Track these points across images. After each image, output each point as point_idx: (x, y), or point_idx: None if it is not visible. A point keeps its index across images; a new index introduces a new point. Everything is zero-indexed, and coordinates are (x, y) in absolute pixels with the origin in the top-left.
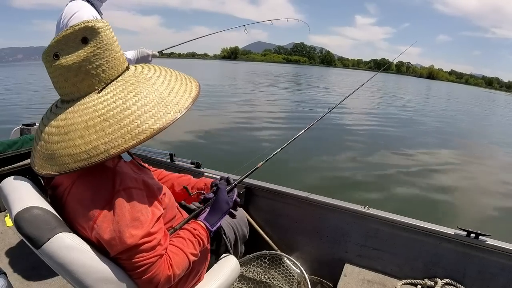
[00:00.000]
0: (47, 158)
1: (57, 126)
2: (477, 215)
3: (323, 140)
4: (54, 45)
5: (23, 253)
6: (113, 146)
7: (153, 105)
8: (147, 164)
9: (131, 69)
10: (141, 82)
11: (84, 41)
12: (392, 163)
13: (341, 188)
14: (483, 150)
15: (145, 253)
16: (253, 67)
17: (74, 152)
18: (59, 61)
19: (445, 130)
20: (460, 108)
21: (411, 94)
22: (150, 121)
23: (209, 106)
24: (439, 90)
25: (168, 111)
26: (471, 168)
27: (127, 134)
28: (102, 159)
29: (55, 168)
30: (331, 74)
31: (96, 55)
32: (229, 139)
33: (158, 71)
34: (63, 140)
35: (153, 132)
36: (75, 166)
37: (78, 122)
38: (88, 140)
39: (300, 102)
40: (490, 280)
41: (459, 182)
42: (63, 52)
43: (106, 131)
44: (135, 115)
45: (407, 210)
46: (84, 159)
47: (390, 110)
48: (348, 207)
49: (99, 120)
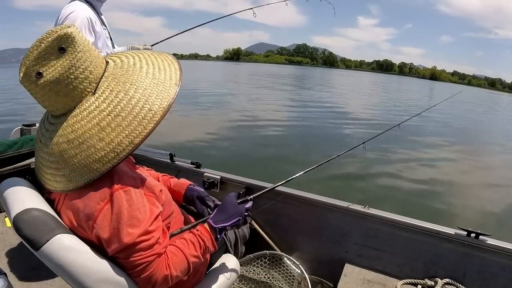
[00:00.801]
0: (70, 173)
1: (68, 141)
2: (477, 215)
3: (322, 139)
4: (33, 64)
5: (23, 253)
6: (136, 135)
7: (153, 87)
8: (147, 164)
9: (111, 63)
10: (130, 71)
11: (62, 50)
12: (392, 163)
13: (340, 187)
14: (486, 151)
15: (142, 252)
16: (255, 68)
17: (100, 155)
18: (43, 78)
19: (445, 130)
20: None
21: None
22: (158, 101)
23: (210, 107)
24: (441, 90)
25: (167, 87)
26: (471, 167)
27: (143, 120)
28: (130, 151)
29: (84, 178)
30: (335, 75)
31: (79, 59)
32: (229, 140)
33: (136, 57)
34: (81, 151)
35: (164, 110)
36: (105, 168)
37: (90, 128)
38: (109, 139)
39: (305, 104)
40: (490, 280)
41: (459, 182)
42: (44, 68)
43: (123, 125)
44: (142, 100)
45: (407, 210)
46: (113, 158)
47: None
48: (348, 207)
49: (111, 118)
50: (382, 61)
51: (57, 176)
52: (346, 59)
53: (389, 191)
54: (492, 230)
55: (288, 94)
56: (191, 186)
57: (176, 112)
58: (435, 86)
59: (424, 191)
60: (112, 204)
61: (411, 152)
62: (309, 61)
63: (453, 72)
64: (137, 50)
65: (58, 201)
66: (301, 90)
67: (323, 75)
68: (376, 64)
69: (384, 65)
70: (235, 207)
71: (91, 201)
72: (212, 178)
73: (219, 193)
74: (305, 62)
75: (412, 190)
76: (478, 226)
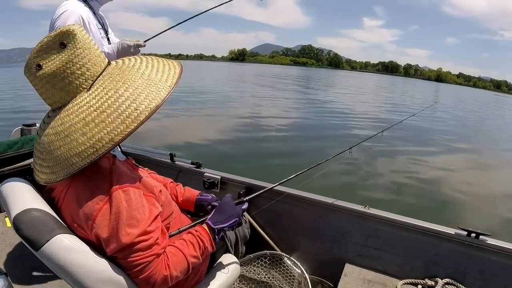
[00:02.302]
0: (53, 165)
1: (56, 133)
2: (477, 214)
3: (322, 139)
4: (35, 56)
5: (23, 253)
6: (117, 133)
7: (144, 87)
8: (147, 164)
9: (113, 63)
10: (126, 71)
11: (63, 46)
12: (392, 163)
13: (342, 189)
14: (489, 152)
15: (141, 252)
16: (260, 69)
17: (80, 150)
18: (42, 70)
19: (445, 131)
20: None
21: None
22: (146, 101)
23: (211, 107)
24: (447, 92)
25: (159, 89)
26: (471, 168)
27: (127, 119)
28: (109, 148)
29: (64, 171)
30: (340, 76)
31: (78, 55)
32: (230, 140)
33: (139, 59)
34: (65, 143)
35: (151, 111)
36: (84, 163)
37: (76, 122)
38: (91, 135)
39: (307, 106)
40: (490, 279)
41: (459, 182)
42: (44, 61)
43: (106, 121)
44: (130, 99)
45: (407, 210)
46: (92, 153)
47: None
48: (349, 207)
49: (97, 114)
50: (388, 63)
51: (43, 167)
52: (351, 60)
53: (390, 190)
54: (492, 230)
55: (291, 95)
56: (199, 196)
57: (177, 112)
58: (442, 87)
59: (424, 190)
60: (111, 204)
61: (413, 152)
62: (314, 62)
63: (458, 74)
64: (144, 55)
65: (57, 201)
66: (305, 90)
67: (328, 76)
68: (382, 65)
69: (389, 67)
70: (232, 208)
71: (90, 201)
72: (213, 178)
73: (219, 193)
74: (310, 63)
75: (412, 191)
76: (478, 225)
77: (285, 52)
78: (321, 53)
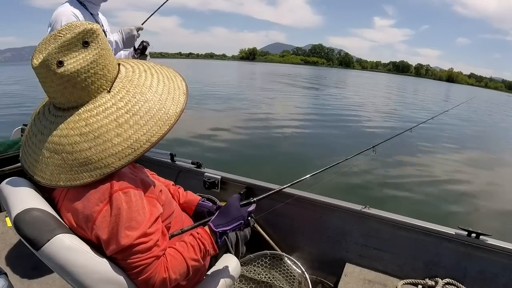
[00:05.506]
0: (79, 166)
1: (81, 134)
2: (477, 214)
3: (321, 138)
4: (56, 51)
5: (23, 253)
6: (152, 134)
7: (166, 93)
8: (147, 164)
9: (122, 67)
10: (143, 76)
11: (86, 44)
12: (392, 163)
13: (342, 187)
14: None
15: (140, 254)
16: (270, 68)
17: (117, 150)
18: (64, 67)
19: (458, 134)
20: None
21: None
22: (173, 106)
23: (214, 106)
24: (458, 93)
25: (178, 95)
26: (472, 168)
27: (159, 122)
28: (147, 149)
29: (97, 173)
30: (351, 76)
31: (101, 56)
32: (230, 140)
33: (141, 66)
34: (97, 144)
35: (178, 115)
36: (121, 163)
37: (107, 123)
38: (127, 136)
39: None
40: (491, 280)
41: (459, 182)
42: (66, 58)
43: (141, 124)
44: (158, 104)
45: (407, 210)
46: (130, 154)
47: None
48: (349, 207)
49: (129, 116)
50: (399, 62)
51: (64, 165)
52: (362, 60)
53: (390, 191)
54: (492, 230)
55: (300, 94)
56: (201, 201)
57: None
58: (453, 88)
59: (425, 190)
60: (111, 205)
61: (419, 155)
62: (325, 61)
63: (470, 74)
64: (142, 60)
65: (58, 201)
66: (314, 91)
67: (339, 76)
68: (393, 65)
69: (400, 67)
70: (237, 210)
71: (90, 202)
72: (213, 178)
73: (220, 193)
74: (320, 63)
75: (413, 191)
76: (478, 225)
77: (295, 51)
78: (331, 52)
